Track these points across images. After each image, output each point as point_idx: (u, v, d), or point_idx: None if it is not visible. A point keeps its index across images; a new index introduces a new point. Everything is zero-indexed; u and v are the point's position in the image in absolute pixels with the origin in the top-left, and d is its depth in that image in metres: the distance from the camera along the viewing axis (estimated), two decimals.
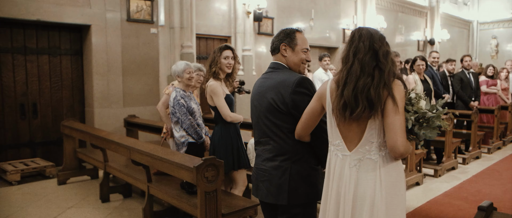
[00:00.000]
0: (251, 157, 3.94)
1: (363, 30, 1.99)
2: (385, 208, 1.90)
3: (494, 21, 16.74)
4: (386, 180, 1.93)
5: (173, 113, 3.77)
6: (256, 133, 2.41)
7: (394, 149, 1.85)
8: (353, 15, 11.20)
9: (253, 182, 2.43)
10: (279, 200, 2.24)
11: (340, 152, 2.02)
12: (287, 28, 2.42)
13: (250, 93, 6.78)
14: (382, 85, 1.87)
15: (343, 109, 1.91)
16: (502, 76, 8.84)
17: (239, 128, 3.73)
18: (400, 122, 1.86)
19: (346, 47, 2.02)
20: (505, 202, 4.87)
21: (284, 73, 2.29)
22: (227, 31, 8.11)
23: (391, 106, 1.86)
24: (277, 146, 2.26)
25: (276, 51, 2.38)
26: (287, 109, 2.21)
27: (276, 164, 2.25)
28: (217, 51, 3.63)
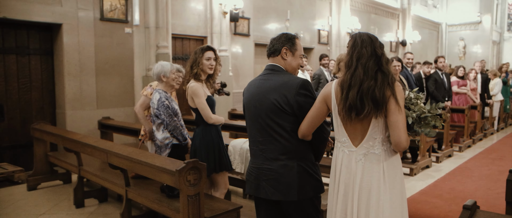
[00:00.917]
0: (233, 159, 3.89)
1: (364, 36, 2.15)
2: (389, 196, 2.09)
3: (461, 23, 17.32)
4: (389, 171, 2.12)
5: (157, 115, 3.66)
6: (253, 133, 2.44)
7: (399, 145, 2.05)
8: (328, 16, 11.31)
9: (251, 181, 2.46)
10: (289, 197, 2.31)
11: (346, 148, 2.19)
12: (287, 33, 2.51)
13: (230, 95, 6.72)
14: (386, 86, 2.04)
15: (349, 110, 2.07)
16: (471, 77, 9.12)
17: (220, 130, 3.66)
18: (403, 120, 2.04)
19: (348, 52, 2.16)
20: (478, 199, 4.99)
21: (284, 76, 2.37)
22: (203, 31, 8.01)
23: (394, 106, 2.04)
24: (281, 145, 2.32)
25: (276, 54, 2.44)
26: (292, 110, 2.29)
27: (283, 163, 2.32)
28: (199, 52, 3.54)
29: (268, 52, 2.48)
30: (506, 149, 8.20)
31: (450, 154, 7.41)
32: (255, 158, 2.45)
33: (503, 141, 9.28)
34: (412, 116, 2.14)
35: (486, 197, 5.04)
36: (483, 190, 5.34)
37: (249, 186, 2.50)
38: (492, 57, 17.77)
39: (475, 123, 8.89)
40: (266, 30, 9.50)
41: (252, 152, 2.47)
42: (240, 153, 3.85)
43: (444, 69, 7.76)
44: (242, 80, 8.86)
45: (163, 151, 3.68)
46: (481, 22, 17.17)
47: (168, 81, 3.83)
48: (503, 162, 7.00)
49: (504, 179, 5.88)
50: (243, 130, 5.75)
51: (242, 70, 8.91)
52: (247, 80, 8.98)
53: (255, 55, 9.36)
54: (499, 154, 7.68)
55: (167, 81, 3.83)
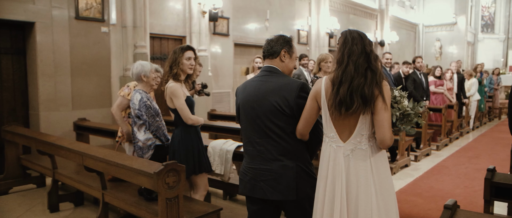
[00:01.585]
0: (212, 160, 3.82)
1: (354, 33, 2.20)
2: (375, 191, 2.15)
3: (437, 24, 17.67)
4: (376, 166, 2.18)
5: (139, 116, 3.57)
6: (250, 133, 2.44)
7: (384, 142, 2.11)
8: (307, 16, 11.35)
9: (246, 181, 2.47)
10: (288, 197, 2.34)
11: (334, 143, 2.23)
12: (284, 35, 2.55)
13: (210, 95, 6.59)
14: (374, 84, 2.09)
15: (339, 105, 2.12)
16: (447, 76, 9.28)
17: (199, 131, 3.59)
18: (388, 118, 2.11)
19: (339, 49, 2.19)
20: (456, 197, 5.08)
21: (283, 78, 2.41)
22: (182, 31, 7.91)
23: (381, 104, 2.10)
24: (280, 146, 2.36)
25: (274, 56, 2.46)
26: (292, 112, 2.33)
27: (282, 163, 2.35)
28: (179, 52, 3.46)
29: (266, 53, 2.49)
30: (481, 147, 8.38)
31: (428, 153, 7.52)
32: (251, 159, 2.45)
33: (479, 139, 9.49)
34: (396, 114, 2.22)
35: (464, 195, 5.12)
36: (461, 188, 5.43)
37: (243, 186, 2.51)
38: (467, 57, 18.20)
39: (452, 122, 9.06)
40: (245, 30, 9.45)
41: (248, 152, 2.47)
42: (220, 154, 3.79)
43: (422, 69, 7.87)
44: (222, 81, 8.80)
45: (145, 152, 3.58)
46: (456, 23, 17.55)
47: (148, 81, 3.75)
48: (479, 160, 7.14)
49: (480, 176, 6.03)
50: (223, 131, 5.69)
51: (221, 70, 8.84)
52: (226, 80, 8.92)
53: (235, 55, 9.30)
54: (475, 152, 7.83)
55: (147, 81, 3.75)
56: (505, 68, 19.03)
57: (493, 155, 7.66)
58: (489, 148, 8.32)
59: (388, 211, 2.19)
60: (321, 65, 5.50)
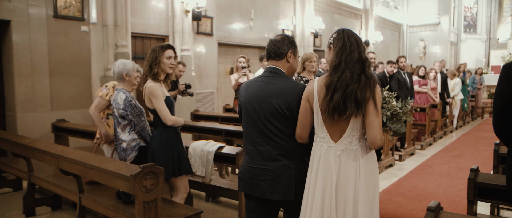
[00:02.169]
0: (193, 162, 3.74)
1: (352, 39, 2.23)
2: (365, 191, 2.19)
3: (421, 24, 17.82)
4: (365, 167, 2.22)
5: (124, 116, 3.46)
6: (251, 133, 2.46)
7: (375, 142, 2.17)
8: (292, 16, 11.31)
9: (245, 180, 2.50)
10: (287, 197, 2.38)
11: (325, 143, 2.26)
12: (287, 35, 2.56)
13: (193, 95, 6.48)
14: (367, 89, 2.14)
15: (332, 111, 2.16)
16: (431, 76, 9.33)
17: (179, 132, 3.50)
18: (379, 120, 2.17)
19: (337, 53, 2.22)
20: (439, 196, 5.08)
21: (286, 81, 2.44)
22: (165, 30, 7.78)
23: (372, 107, 2.15)
24: (280, 146, 2.38)
25: (281, 57, 2.47)
26: (292, 115, 2.36)
27: (282, 163, 2.38)
28: (159, 50, 3.36)
29: (271, 54, 2.49)
30: (464, 146, 8.44)
31: (412, 152, 7.54)
32: (251, 158, 2.47)
33: (462, 138, 9.57)
34: (387, 114, 2.29)
35: (447, 194, 5.13)
36: (444, 187, 5.44)
37: (242, 185, 2.53)
38: (450, 57, 18.39)
39: (436, 121, 9.12)
40: (230, 29, 9.36)
41: (249, 151, 2.49)
42: (201, 155, 3.70)
43: (405, 68, 7.89)
44: (205, 81, 8.70)
45: (129, 153, 3.48)
46: (439, 24, 17.72)
47: (130, 80, 3.65)
48: (462, 159, 7.19)
49: (463, 176, 6.06)
50: (206, 132, 5.60)
51: (205, 70, 8.73)
52: (210, 80, 8.82)
53: (219, 55, 9.20)
54: (458, 152, 7.89)
55: (129, 80, 3.65)
56: (487, 68, 19.31)
57: (476, 154, 7.73)
58: (472, 147, 8.39)
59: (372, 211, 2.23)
60: (305, 65, 5.43)
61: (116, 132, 3.55)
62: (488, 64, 19.90)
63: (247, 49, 10.13)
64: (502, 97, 2.26)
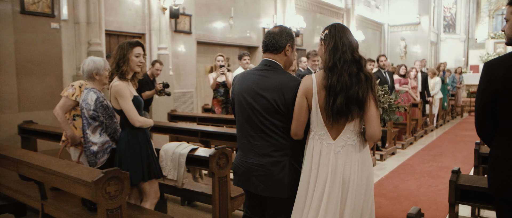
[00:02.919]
0: (164, 165, 3.54)
1: (344, 38, 2.21)
2: (365, 183, 2.23)
3: (402, 24, 17.91)
4: (362, 160, 2.25)
5: (95, 117, 3.25)
6: (245, 127, 2.41)
7: (374, 136, 2.20)
8: (273, 14, 11.17)
9: (239, 174, 2.46)
10: (279, 194, 2.33)
11: (324, 140, 2.24)
12: (285, 27, 2.47)
13: (171, 95, 6.27)
14: (369, 89, 2.17)
15: (337, 115, 2.16)
16: (412, 75, 9.33)
17: (149, 134, 3.31)
18: (377, 115, 2.21)
19: (330, 54, 2.20)
20: (420, 196, 5.01)
21: (283, 75, 2.36)
22: (141, 28, 7.54)
23: (372, 103, 2.18)
24: (275, 142, 2.33)
25: (279, 50, 2.39)
26: (287, 111, 2.30)
27: (275, 159, 2.32)
28: (127, 47, 3.16)
29: (269, 47, 2.40)
30: (445, 145, 8.45)
31: (393, 152, 7.48)
32: (245, 152, 2.43)
33: (442, 137, 9.59)
34: (384, 107, 2.37)
35: (428, 194, 5.06)
36: (425, 187, 5.38)
37: (237, 179, 2.50)
38: (430, 56, 18.54)
39: (417, 120, 9.10)
40: (209, 28, 9.16)
41: (243, 146, 2.45)
42: (173, 158, 3.51)
43: (386, 67, 7.84)
44: (184, 80, 8.48)
45: (100, 157, 3.27)
46: (420, 24, 17.84)
47: (101, 79, 3.43)
48: (442, 158, 7.16)
49: (444, 175, 6.02)
50: (184, 133, 5.41)
51: (184, 69, 8.51)
52: (189, 79, 8.61)
53: (198, 53, 8.99)
54: (439, 151, 7.87)
55: (100, 79, 3.43)
56: (466, 67, 19.55)
57: (456, 152, 7.73)
58: (452, 146, 8.40)
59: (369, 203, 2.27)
60: None
61: (85, 134, 3.33)
62: (467, 63, 20.16)
63: (228, 48, 9.96)
64: (484, 96, 2.16)
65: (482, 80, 2.18)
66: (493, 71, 2.12)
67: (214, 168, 3.35)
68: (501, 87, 2.07)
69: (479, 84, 2.23)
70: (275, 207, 2.41)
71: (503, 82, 2.06)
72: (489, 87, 2.12)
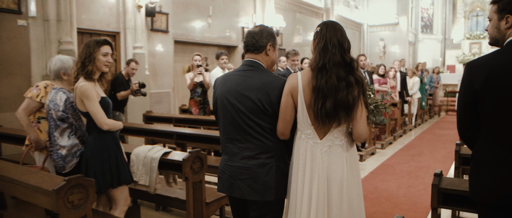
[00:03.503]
0: (135, 170, 3.36)
1: (334, 39, 2.15)
2: (351, 182, 2.20)
3: (381, 24, 18.04)
4: (350, 160, 2.23)
5: (64, 119, 3.04)
6: (229, 130, 2.34)
7: (361, 136, 2.19)
8: (252, 13, 11.03)
9: (224, 179, 2.38)
10: (266, 197, 2.26)
11: (311, 140, 2.20)
12: (266, 26, 2.43)
13: (146, 95, 6.07)
14: (359, 94, 2.13)
15: (325, 118, 2.13)
16: (391, 75, 9.35)
17: (118, 137, 3.12)
18: (365, 115, 2.19)
19: (320, 53, 2.16)
20: (400, 197, 4.96)
21: (267, 75, 2.31)
22: (115, 27, 7.29)
23: (360, 104, 2.15)
24: (261, 144, 2.27)
25: (260, 50, 2.34)
26: (273, 111, 2.25)
27: (261, 161, 2.26)
28: (94, 46, 2.98)
29: (250, 47, 2.35)
30: (423, 145, 8.48)
31: (373, 152, 7.45)
32: (230, 156, 2.36)
33: (421, 136, 9.64)
34: (370, 108, 2.32)
35: (408, 196, 5.01)
36: (405, 188, 5.33)
37: (221, 184, 2.41)
38: (409, 56, 18.73)
39: (396, 120, 9.12)
40: (187, 27, 8.96)
41: (227, 149, 2.37)
42: (144, 162, 3.33)
43: (365, 67, 7.80)
44: (161, 80, 8.25)
45: (69, 161, 3.06)
46: (398, 24, 17.99)
47: (69, 79, 3.23)
48: (421, 158, 7.17)
49: (423, 175, 6.00)
50: (159, 135, 5.22)
51: (160, 69, 8.29)
52: (166, 80, 8.40)
53: (175, 53, 8.78)
54: (417, 150, 7.89)
55: (68, 79, 3.23)
56: (443, 67, 19.85)
57: (435, 152, 7.76)
58: (430, 145, 8.45)
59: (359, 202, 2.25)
60: None
61: (52, 136, 3.12)
62: (444, 63, 20.47)
63: (206, 48, 9.78)
64: (466, 96, 2.08)
65: (464, 81, 2.10)
66: (475, 72, 2.05)
67: (188, 173, 3.19)
68: (483, 87, 1.99)
69: (460, 85, 2.15)
70: (260, 210, 2.33)
71: (485, 82, 1.99)
72: (471, 88, 2.04)
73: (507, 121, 1.96)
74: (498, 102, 1.97)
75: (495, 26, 2.09)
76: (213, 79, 6.24)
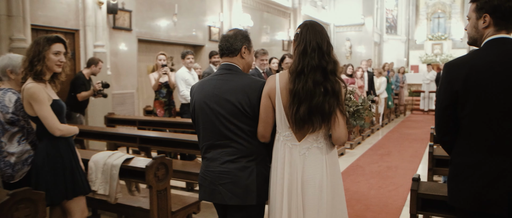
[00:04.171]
0: (94, 179, 3.09)
1: (313, 42, 2.12)
2: (331, 186, 2.18)
3: (347, 25, 18.22)
4: (330, 162, 2.20)
5: (13, 121, 2.74)
6: (209, 135, 2.31)
7: (340, 139, 2.16)
8: (219, 12, 10.82)
9: (205, 186, 2.34)
10: (247, 201, 2.24)
11: (289, 142, 2.19)
12: (240, 29, 2.45)
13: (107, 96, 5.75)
14: (334, 101, 2.10)
15: (299, 123, 2.11)
16: (358, 75, 9.36)
17: (73, 143, 2.85)
18: (344, 118, 2.16)
19: (299, 57, 2.13)
20: (371, 199, 4.90)
21: (245, 77, 2.32)
22: (74, 24, 6.89)
23: (338, 109, 2.13)
24: (242, 147, 2.25)
25: (235, 53, 2.34)
26: (253, 113, 2.24)
27: (242, 165, 2.24)
28: (44, 43, 2.69)
29: (225, 51, 2.35)
30: (391, 144, 8.54)
31: (342, 152, 7.40)
32: (210, 161, 2.32)
33: (388, 136, 9.72)
34: (349, 111, 2.30)
35: (379, 197, 4.95)
36: (375, 189, 5.29)
37: (203, 191, 2.37)
38: (374, 56, 19.02)
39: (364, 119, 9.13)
40: (151, 25, 8.63)
41: (207, 155, 2.35)
42: (104, 170, 3.07)
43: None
44: (124, 80, 7.90)
45: (18, 169, 2.74)
46: (364, 24, 18.23)
47: (17, 79, 2.90)
48: (390, 158, 7.19)
49: (392, 175, 5.98)
50: (121, 139, 4.93)
51: (123, 69, 7.93)
52: (130, 80, 8.06)
53: (139, 52, 8.44)
54: (386, 150, 7.92)
55: (16, 79, 2.90)
56: (407, 67, 20.31)
57: (402, 151, 7.82)
58: (398, 144, 8.52)
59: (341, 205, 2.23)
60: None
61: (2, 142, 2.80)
62: (408, 63, 20.94)
63: (172, 47, 9.48)
64: (445, 98, 1.98)
65: (443, 82, 2.01)
66: (453, 72, 1.95)
67: (152, 181, 2.96)
68: (463, 88, 1.90)
69: (439, 87, 2.07)
70: (242, 213, 2.30)
71: (464, 83, 1.90)
72: (450, 89, 1.95)
73: (487, 123, 1.88)
74: (477, 104, 1.89)
75: (474, 25, 2.03)
76: (179, 80, 6.00)
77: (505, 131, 1.85)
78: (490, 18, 1.94)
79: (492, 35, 1.94)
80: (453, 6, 21.04)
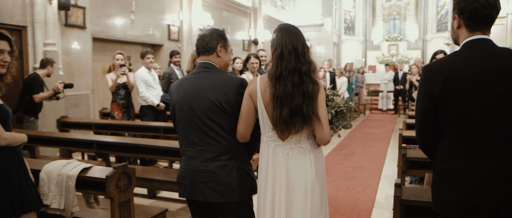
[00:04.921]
0: (46, 191, 2.77)
1: (289, 45, 2.14)
2: (318, 186, 2.21)
3: (307, 25, 18.33)
4: (315, 163, 2.21)
5: None
6: (188, 134, 2.32)
7: (323, 139, 2.16)
8: (178, 11, 10.48)
9: (185, 184, 2.35)
10: (229, 198, 2.27)
11: (273, 142, 2.22)
12: (217, 29, 2.48)
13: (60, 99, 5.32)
14: (312, 101, 2.13)
15: (283, 125, 2.13)
16: (320, 75, 9.37)
17: (21, 153, 2.52)
18: (326, 117, 2.17)
19: (277, 61, 2.15)
20: (340, 201, 4.83)
21: (222, 74, 2.35)
22: (21, 20, 6.37)
23: (320, 108, 2.15)
24: (220, 145, 2.28)
25: (210, 52, 2.39)
26: (232, 110, 2.27)
27: (221, 163, 2.27)
28: None
29: (201, 50, 2.40)
30: (354, 144, 8.58)
31: None
32: (190, 160, 2.33)
33: (350, 135, 9.79)
34: (331, 112, 2.30)
35: (348, 199, 4.89)
36: (343, 190, 5.23)
37: (183, 190, 2.38)
38: (333, 57, 19.28)
39: None
40: (107, 23, 8.18)
41: (187, 153, 2.35)
42: (58, 181, 2.75)
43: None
44: (78, 81, 7.41)
45: None
46: (323, 25, 18.44)
47: None
48: (354, 158, 7.20)
49: (358, 176, 5.95)
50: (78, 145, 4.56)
51: (77, 68, 7.45)
52: (84, 80, 7.59)
53: (94, 51, 7.97)
54: (350, 150, 7.94)
55: None
56: (365, 67, 20.78)
57: (366, 150, 7.88)
58: (361, 144, 8.58)
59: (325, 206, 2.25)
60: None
61: None
62: (365, 64, 21.43)
63: (129, 46, 9.06)
64: (425, 102, 1.90)
65: (422, 85, 1.93)
66: (433, 75, 1.87)
67: (113, 192, 2.68)
68: (442, 92, 1.83)
69: (418, 90, 1.98)
70: (230, 213, 2.32)
71: (443, 86, 1.82)
72: (430, 93, 1.86)
73: (470, 126, 1.80)
74: (459, 108, 1.81)
75: (452, 26, 1.98)
76: (138, 80, 5.68)
77: (488, 134, 1.78)
78: (459, 19, 1.90)
79: (467, 36, 1.89)
80: (407, 9, 21.78)
